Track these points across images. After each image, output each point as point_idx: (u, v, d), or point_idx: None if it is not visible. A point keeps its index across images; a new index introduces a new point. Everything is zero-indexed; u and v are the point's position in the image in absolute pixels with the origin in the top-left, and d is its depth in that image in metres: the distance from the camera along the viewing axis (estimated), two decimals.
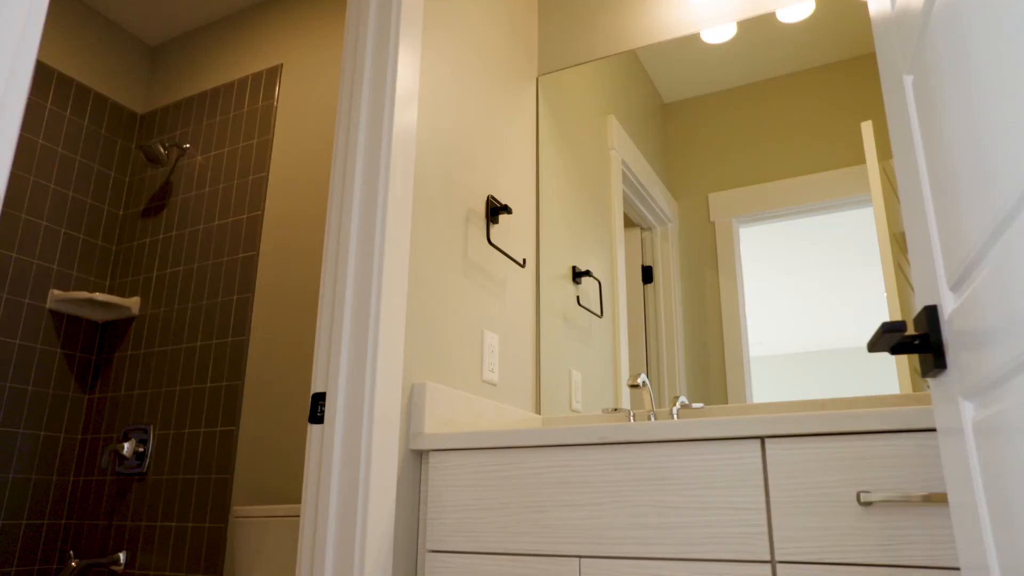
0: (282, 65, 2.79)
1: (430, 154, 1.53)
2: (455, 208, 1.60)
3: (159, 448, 2.51)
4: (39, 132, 2.73)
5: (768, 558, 1.03)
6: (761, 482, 1.07)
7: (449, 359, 1.51)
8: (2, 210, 2.58)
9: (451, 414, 1.42)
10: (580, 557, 1.16)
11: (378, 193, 1.37)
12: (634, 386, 1.51)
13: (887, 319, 1.75)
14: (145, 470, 2.50)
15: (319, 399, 1.29)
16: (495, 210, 1.74)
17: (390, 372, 1.30)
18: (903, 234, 1.77)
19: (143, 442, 2.53)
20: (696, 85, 2.07)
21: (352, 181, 1.39)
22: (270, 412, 2.32)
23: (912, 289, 1.73)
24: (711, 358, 1.81)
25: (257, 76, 2.82)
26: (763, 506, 1.06)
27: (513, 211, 1.77)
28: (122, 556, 2.42)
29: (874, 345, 0.76)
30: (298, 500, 2.18)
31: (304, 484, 1.27)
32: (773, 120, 1.93)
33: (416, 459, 1.36)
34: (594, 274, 2.04)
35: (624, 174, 2.09)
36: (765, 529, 1.05)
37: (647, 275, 2.01)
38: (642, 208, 2.06)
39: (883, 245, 1.79)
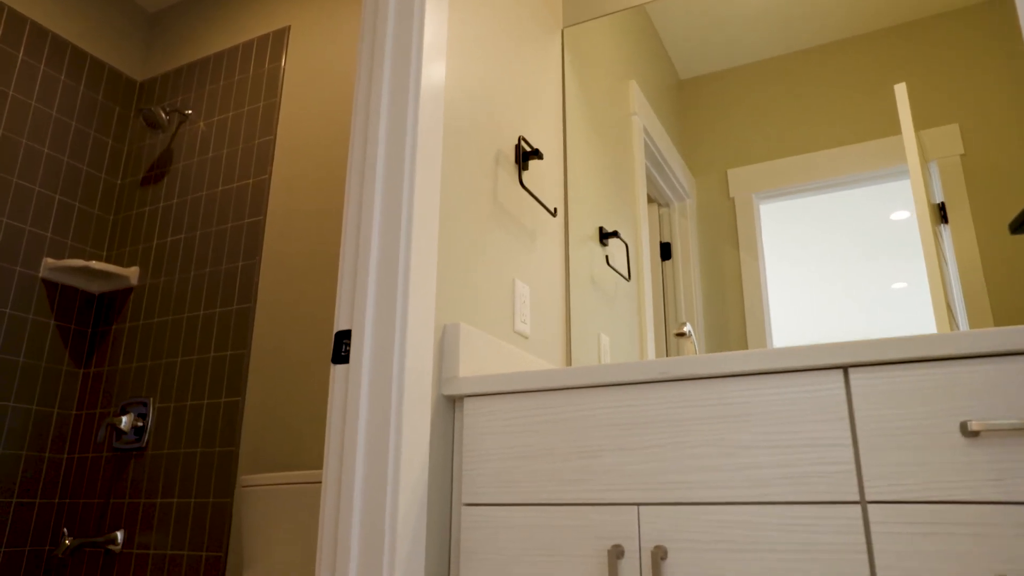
0: (289, 27, 2.68)
1: (457, 94, 1.42)
2: (484, 148, 1.49)
3: (159, 422, 2.38)
4: (32, 93, 2.60)
5: (857, 498, 0.92)
6: (846, 415, 0.96)
7: (480, 304, 1.39)
8: None
9: (483, 362, 1.31)
10: (639, 505, 1.04)
11: (406, 130, 1.26)
12: (680, 335, 1.40)
13: (927, 295, 1.66)
14: (144, 445, 2.37)
15: (343, 337, 1.17)
16: (526, 155, 1.63)
17: (421, 310, 1.18)
18: (937, 205, 1.68)
19: (142, 416, 2.40)
20: (714, 60, 1.98)
21: (377, 118, 1.28)
22: (278, 381, 2.20)
23: (944, 264, 1.64)
24: (732, 336, 1.72)
25: (263, 39, 2.71)
26: (849, 441, 0.94)
27: (544, 157, 1.66)
28: (119, 535, 2.29)
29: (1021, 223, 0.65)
30: (309, 470, 2.06)
31: (327, 430, 1.15)
32: (796, 94, 1.84)
33: (448, 406, 1.25)
34: (621, 236, 1.95)
35: (645, 143, 2.01)
36: (852, 467, 0.93)
37: (665, 252, 1.92)
38: (660, 181, 1.97)
39: (922, 218, 1.70)
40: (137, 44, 3.05)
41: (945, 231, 1.69)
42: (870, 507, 0.91)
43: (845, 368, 0.98)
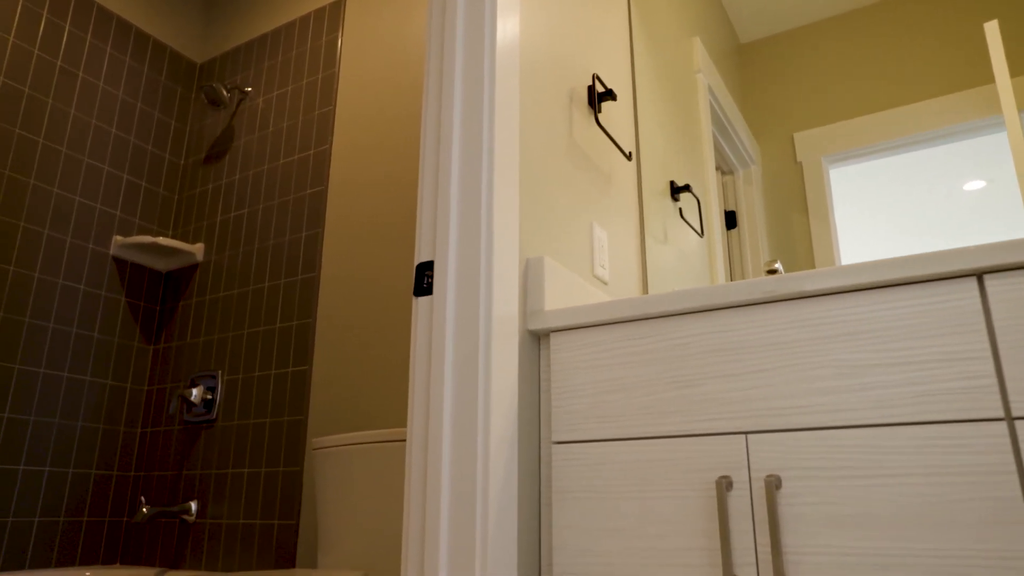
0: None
1: (530, 30, 1.37)
2: (558, 86, 1.43)
3: (228, 394, 2.39)
4: (100, 75, 2.65)
5: (1001, 415, 0.83)
6: (982, 326, 0.87)
7: (562, 242, 1.34)
8: (64, 152, 2.50)
9: (566, 300, 1.25)
10: (746, 433, 0.97)
11: (483, 59, 1.21)
12: (771, 271, 1.32)
13: None
14: (214, 417, 2.38)
15: (425, 269, 1.13)
16: (600, 96, 1.57)
17: (506, 240, 1.13)
18: None
19: (211, 389, 2.41)
20: (775, 22, 1.89)
21: (452, 55, 1.23)
22: (345, 348, 2.18)
23: None
24: None
25: (320, 11, 2.70)
26: (988, 354, 0.86)
27: (617, 99, 1.59)
28: (193, 505, 2.30)
29: None
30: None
31: (411, 366, 1.11)
32: (865, 50, 1.74)
33: (533, 342, 1.19)
34: (693, 190, 1.88)
35: (711, 103, 1.93)
36: (993, 381, 0.85)
37: (730, 220, 1.84)
38: (725, 146, 1.88)
39: (1020, 166, 1.56)
40: (196, 26, 3.08)
41: None
42: (1018, 423, 0.82)
43: (979, 274, 0.89)
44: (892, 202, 1.62)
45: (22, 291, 2.31)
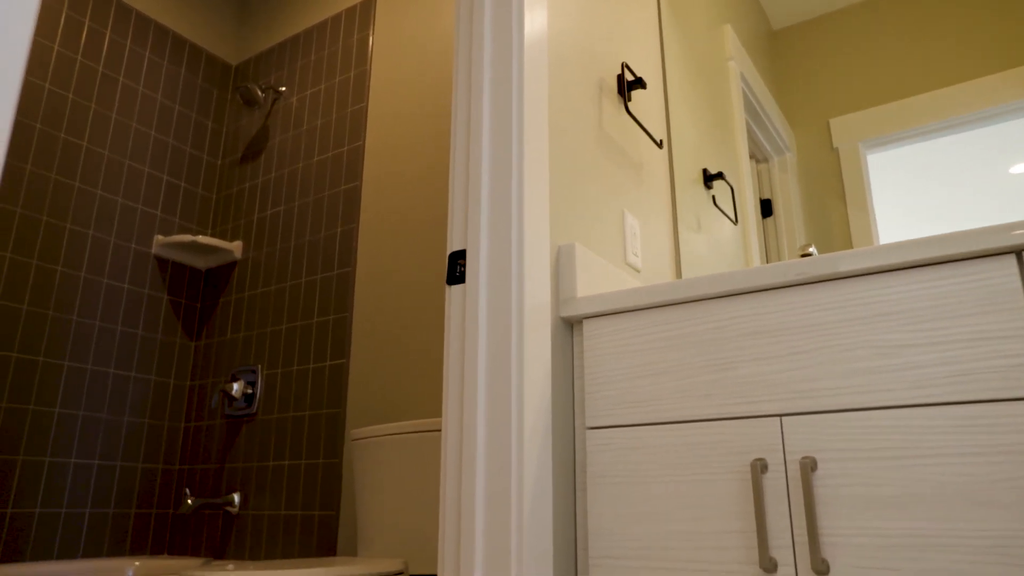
0: None
1: (558, 21, 1.37)
2: (587, 75, 1.44)
3: (268, 387, 2.44)
4: (139, 79, 2.72)
5: None
6: (1022, 304, 0.85)
7: (593, 230, 1.34)
8: (107, 155, 2.57)
9: (598, 287, 1.26)
10: (781, 416, 0.97)
11: (512, 51, 1.22)
12: (805, 255, 1.31)
13: None
14: (255, 411, 2.44)
15: (457, 258, 1.14)
16: (630, 84, 1.57)
17: (536, 228, 1.14)
18: None
19: (251, 383, 2.47)
20: (809, 7, 1.86)
21: (481, 46, 1.25)
22: (382, 341, 2.21)
23: None
24: None
25: (351, 11, 2.74)
26: None
27: (647, 87, 1.59)
28: (236, 497, 2.36)
29: None
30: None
31: (445, 354, 1.13)
32: (903, 32, 1.70)
33: (566, 329, 1.20)
34: (727, 178, 1.86)
35: (743, 91, 1.91)
36: None
37: (766, 209, 1.81)
38: (759, 133, 1.86)
39: None
40: (230, 28, 3.14)
41: None
42: None
43: (1019, 251, 0.87)
44: (934, 187, 1.59)
45: (69, 290, 2.39)
